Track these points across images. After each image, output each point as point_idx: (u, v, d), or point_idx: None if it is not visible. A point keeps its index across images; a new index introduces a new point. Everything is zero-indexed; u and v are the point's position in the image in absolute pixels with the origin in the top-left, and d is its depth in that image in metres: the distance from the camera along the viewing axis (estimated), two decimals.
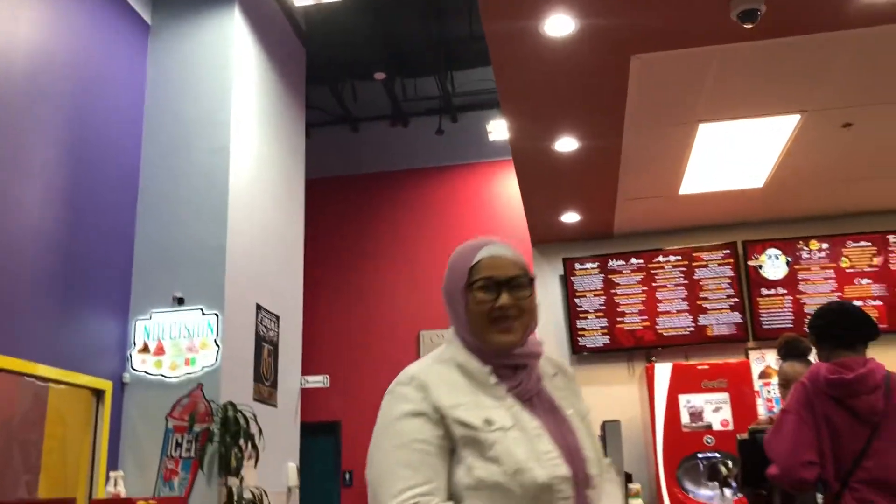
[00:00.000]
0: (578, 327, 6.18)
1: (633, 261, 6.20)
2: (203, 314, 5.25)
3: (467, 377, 1.31)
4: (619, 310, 6.16)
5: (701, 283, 6.10)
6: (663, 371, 5.55)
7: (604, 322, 6.16)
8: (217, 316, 5.24)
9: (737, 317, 6.01)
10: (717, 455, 5.25)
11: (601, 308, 6.18)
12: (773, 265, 6.05)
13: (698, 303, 6.07)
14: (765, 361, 5.87)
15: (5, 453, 4.46)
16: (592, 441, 1.34)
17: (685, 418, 5.41)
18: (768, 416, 4.22)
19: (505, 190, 8.46)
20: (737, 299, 6.04)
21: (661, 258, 6.16)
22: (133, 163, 5.61)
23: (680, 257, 6.15)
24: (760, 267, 6.07)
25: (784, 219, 6.14)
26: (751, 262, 6.07)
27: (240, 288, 5.55)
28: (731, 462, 5.05)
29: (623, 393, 6.07)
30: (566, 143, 4.59)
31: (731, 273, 6.08)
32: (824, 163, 5.10)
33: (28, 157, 4.51)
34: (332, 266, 8.73)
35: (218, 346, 5.18)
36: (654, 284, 6.14)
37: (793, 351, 3.08)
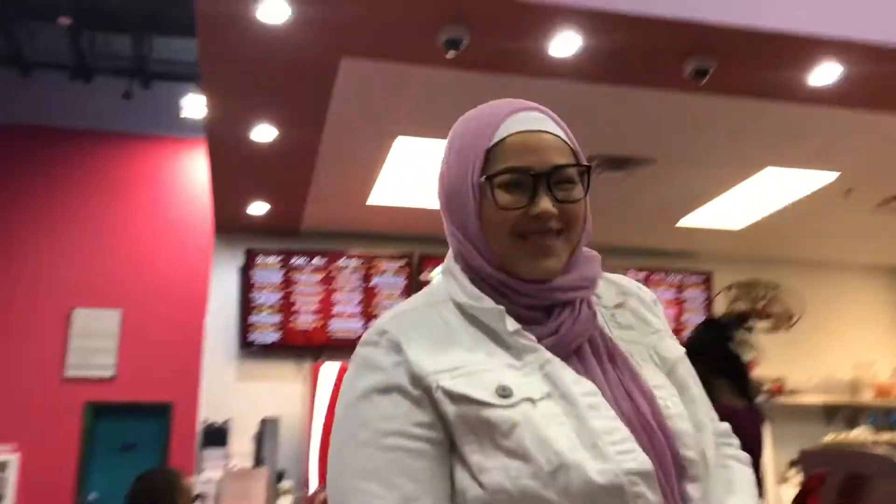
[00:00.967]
0: (250, 321, 6.05)
1: (316, 260, 6.23)
2: None
3: (473, 325, 0.85)
4: (294, 308, 6.15)
5: (376, 290, 6.32)
6: (329, 372, 5.64)
7: (277, 318, 6.10)
8: None
9: None
10: None
11: (277, 304, 6.12)
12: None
13: (370, 309, 6.27)
14: None
15: None
16: (692, 405, 0.87)
17: None
18: None
19: (192, 169, 8.01)
20: None
21: (343, 261, 6.27)
22: None
23: (361, 262, 6.31)
24: (430, 281, 6.45)
25: None
26: (423, 276, 6.43)
27: None
28: None
29: (289, 391, 6.05)
30: (265, 132, 4.48)
31: (405, 283, 6.38)
32: None
33: None
34: None
35: None
36: (332, 286, 6.23)
37: None
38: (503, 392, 0.77)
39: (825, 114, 4.22)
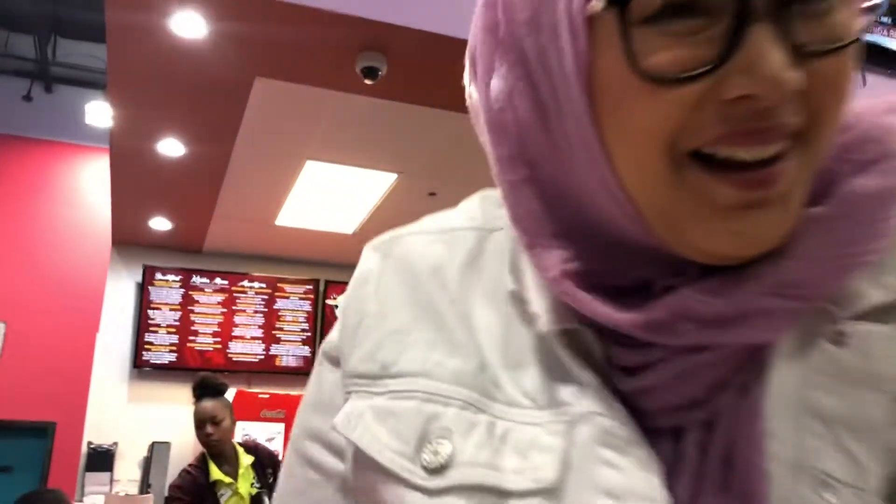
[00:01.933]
0: (146, 340, 5.83)
1: (218, 281, 6.07)
2: None
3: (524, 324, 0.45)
4: (193, 328, 5.96)
5: (279, 314, 6.20)
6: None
7: (174, 339, 5.90)
8: None
9: (307, 350, 6.21)
10: None
11: (174, 324, 5.92)
12: None
13: (273, 332, 6.15)
14: None
15: None
16: None
17: None
18: None
19: (92, 179, 7.69)
20: (310, 334, 6.25)
21: (246, 283, 6.13)
22: None
23: (265, 285, 6.19)
24: (337, 307, 6.38)
25: None
26: (329, 301, 6.35)
27: None
28: None
29: (183, 414, 5.82)
30: (171, 146, 4.36)
31: (310, 308, 6.29)
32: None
33: None
34: None
35: None
36: (234, 308, 6.08)
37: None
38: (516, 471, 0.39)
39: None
